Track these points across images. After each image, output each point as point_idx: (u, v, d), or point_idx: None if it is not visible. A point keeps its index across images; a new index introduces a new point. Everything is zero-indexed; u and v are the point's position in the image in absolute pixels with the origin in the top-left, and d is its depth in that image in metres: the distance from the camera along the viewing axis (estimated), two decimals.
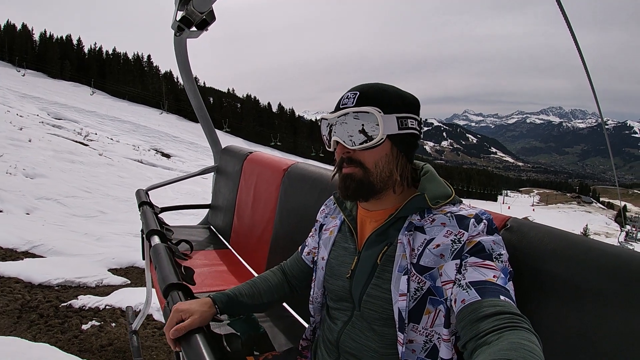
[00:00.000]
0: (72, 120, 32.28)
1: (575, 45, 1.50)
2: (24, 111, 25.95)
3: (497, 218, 1.13)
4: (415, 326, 0.97)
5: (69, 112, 37.36)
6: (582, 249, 0.93)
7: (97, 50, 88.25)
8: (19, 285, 3.78)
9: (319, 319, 1.31)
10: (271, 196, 2.35)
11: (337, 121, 1.05)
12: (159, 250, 1.57)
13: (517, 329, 0.72)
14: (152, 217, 2.06)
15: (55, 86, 59.34)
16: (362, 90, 1.05)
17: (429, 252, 0.97)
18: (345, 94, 1.08)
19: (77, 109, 40.86)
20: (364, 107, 1.01)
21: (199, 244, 2.81)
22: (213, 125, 3.17)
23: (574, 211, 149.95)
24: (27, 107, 30.52)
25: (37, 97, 39.31)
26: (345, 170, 1.06)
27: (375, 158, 1.04)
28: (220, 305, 1.15)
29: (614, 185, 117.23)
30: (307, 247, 1.39)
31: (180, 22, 2.07)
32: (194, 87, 2.83)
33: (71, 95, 52.88)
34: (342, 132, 1.04)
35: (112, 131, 32.96)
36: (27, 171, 8.90)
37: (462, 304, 0.84)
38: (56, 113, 33.78)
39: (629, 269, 0.84)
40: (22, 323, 3.13)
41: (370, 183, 1.05)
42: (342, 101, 1.07)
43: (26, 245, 4.85)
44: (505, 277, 0.87)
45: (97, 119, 38.45)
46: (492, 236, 0.95)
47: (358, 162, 1.04)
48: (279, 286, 1.35)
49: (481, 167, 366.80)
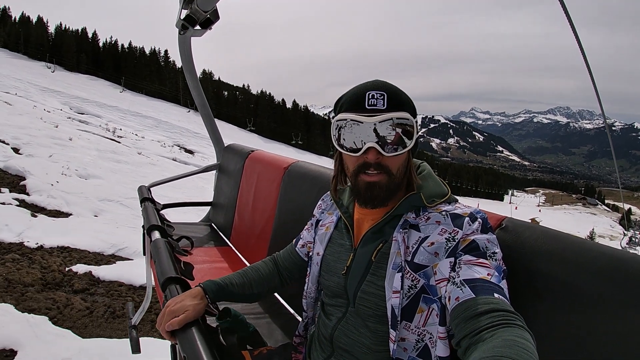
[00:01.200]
0: (95, 115, 32.49)
1: (578, 46, 1.51)
2: (47, 105, 26.18)
3: (492, 218, 1.14)
4: (407, 324, 0.98)
5: (91, 106, 37.47)
6: (577, 250, 0.94)
7: (113, 43, 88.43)
8: (124, 288, 3.90)
9: (312, 314, 1.33)
10: (271, 194, 2.36)
11: (375, 125, 0.99)
12: (158, 245, 1.58)
13: (511, 326, 0.72)
14: (153, 212, 2.08)
15: (72, 79, 59.43)
16: (386, 90, 1.02)
17: (424, 250, 0.97)
18: (366, 92, 1.02)
19: (99, 103, 40.98)
20: (402, 113, 1.00)
21: (200, 240, 2.84)
22: (216, 123, 3.24)
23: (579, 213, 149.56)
24: (50, 101, 30.76)
25: (58, 91, 39.50)
26: (371, 179, 1.03)
27: (398, 163, 1.03)
28: (210, 295, 1.14)
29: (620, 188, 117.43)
30: (302, 239, 1.40)
31: (185, 20, 2.10)
32: (197, 85, 2.87)
33: (90, 89, 52.96)
34: (377, 137, 1.00)
35: (135, 127, 33.04)
36: (79, 172, 8.84)
37: (456, 301, 0.85)
38: (78, 107, 33.93)
39: (624, 271, 0.84)
40: (147, 324, 3.32)
41: (392, 188, 1.04)
42: (369, 101, 1.01)
43: (112, 248, 4.94)
44: (499, 275, 0.88)
45: (120, 114, 38.55)
46: (486, 235, 0.96)
47: (386, 168, 1.02)
48: (270, 277, 1.36)
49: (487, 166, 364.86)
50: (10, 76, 37.08)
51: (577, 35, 1.39)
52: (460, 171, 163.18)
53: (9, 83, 31.33)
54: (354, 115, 1.01)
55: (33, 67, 57.69)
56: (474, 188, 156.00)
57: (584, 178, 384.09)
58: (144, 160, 14.59)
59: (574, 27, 1.32)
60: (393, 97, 1.01)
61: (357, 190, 1.07)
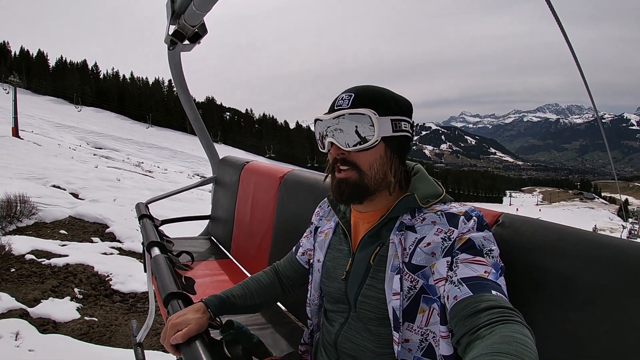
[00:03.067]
0: (112, 149, 32.65)
1: (566, 41, 1.48)
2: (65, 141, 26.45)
3: (489, 214, 1.14)
4: (410, 325, 0.97)
5: (107, 140, 37.83)
6: (574, 241, 0.93)
7: (114, 74, 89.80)
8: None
9: (317, 321, 1.32)
10: (269, 204, 2.36)
11: (332, 122, 1.04)
12: (158, 261, 1.57)
13: (509, 322, 0.72)
14: (152, 229, 2.07)
15: (81, 113, 59.81)
16: (357, 92, 1.05)
17: (420, 251, 0.97)
18: (340, 95, 1.07)
19: (114, 137, 41.33)
20: (359, 109, 1.01)
21: (200, 254, 2.81)
22: (210, 137, 3.26)
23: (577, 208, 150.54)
24: (67, 137, 31.01)
25: (71, 127, 39.70)
26: (340, 175, 1.06)
27: (369, 160, 1.04)
28: (213, 309, 1.14)
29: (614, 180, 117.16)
30: (302, 247, 1.40)
31: (173, 35, 2.10)
32: (189, 100, 2.87)
33: (100, 122, 53.47)
34: (337, 134, 1.04)
35: (154, 158, 33.07)
36: None
37: (454, 300, 0.85)
38: (95, 142, 34.16)
39: (622, 259, 0.83)
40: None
41: (364, 185, 1.05)
42: (337, 102, 1.06)
43: None
44: (496, 272, 0.88)
45: (136, 147, 38.92)
46: (482, 232, 0.95)
47: (353, 163, 1.04)
48: (271, 286, 1.35)
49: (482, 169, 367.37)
50: (22, 113, 37.18)
51: (563, 30, 1.38)
52: (459, 178, 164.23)
53: (23, 120, 31.51)
54: (321, 115, 1.09)
55: (39, 102, 58.12)
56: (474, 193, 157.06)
57: (579, 173, 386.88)
58: (191, 196, 14.62)
59: (560, 21, 1.31)
60: (360, 97, 1.04)
61: (331, 187, 1.11)
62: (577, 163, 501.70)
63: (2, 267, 5.34)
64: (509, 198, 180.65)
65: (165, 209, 9.27)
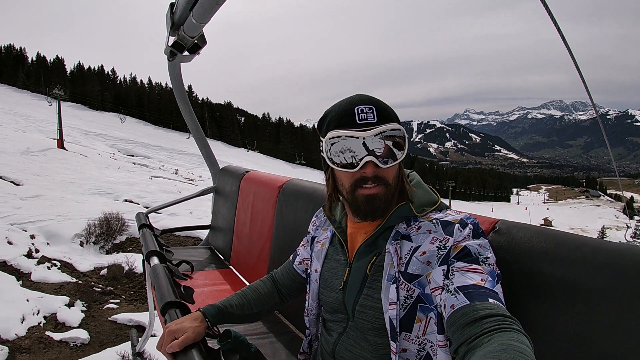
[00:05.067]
0: (144, 156, 33.21)
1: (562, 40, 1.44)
2: (98, 149, 26.88)
3: (485, 221, 1.14)
4: (407, 335, 0.97)
5: (137, 147, 38.38)
6: (572, 247, 0.93)
7: (132, 79, 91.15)
8: None
9: (315, 330, 1.32)
10: (268, 214, 2.36)
11: (373, 139, 0.99)
12: (157, 270, 1.57)
13: (506, 331, 0.71)
14: (151, 238, 2.08)
15: (105, 119, 60.60)
16: (373, 104, 1.02)
17: (416, 260, 0.97)
18: (354, 107, 1.02)
19: (143, 144, 41.96)
20: (393, 124, 1.00)
21: (200, 264, 2.81)
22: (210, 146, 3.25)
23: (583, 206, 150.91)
24: (99, 145, 31.43)
25: (100, 134, 40.15)
26: (370, 191, 1.02)
27: (394, 174, 1.04)
28: (210, 318, 1.13)
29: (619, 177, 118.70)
30: (299, 256, 1.40)
31: (173, 47, 2.11)
32: (190, 110, 2.89)
33: (125, 128, 54.29)
34: (372, 150, 0.99)
35: (185, 165, 33.32)
36: None
37: (451, 309, 0.84)
38: (126, 149, 34.74)
39: (620, 264, 0.83)
40: None
41: (390, 199, 1.04)
42: (359, 116, 1.00)
43: None
44: (493, 279, 0.87)
45: (166, 154, 39.37)
46: (478, 240, 0.95)
47: (384, 179, 1.02)
48: (269, 295, 1.35)
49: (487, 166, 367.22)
50: (49, 121, 37.66)
51: (559, 29, 1.35)
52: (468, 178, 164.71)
53: (52, 129, 31.80)
54: (348, 132, 1.00)
55: (49, 107, 59.35)
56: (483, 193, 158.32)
57: (584, 169, 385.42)
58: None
59: (556, 21, 1.28)
60: (381, 110, 1.02)
61: (356, 205, 1.06)
62: (582, 160, 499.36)
63: (138, 285, 5.84)
64: (517, 197, 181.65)
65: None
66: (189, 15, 1.79)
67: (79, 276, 5.97)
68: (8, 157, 14.11)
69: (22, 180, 10.87)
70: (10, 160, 13.43)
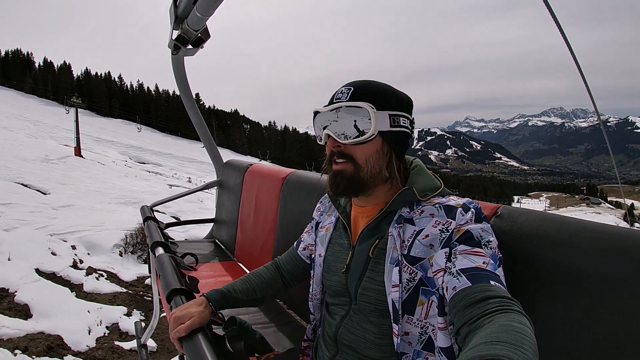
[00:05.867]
0: (155, 163, 33.07)
1: (566, 44, 1.44)
2: (110, 156, 26.88)
3: (487, 207, 1.15)
4: (409, 318, 0.98)
5: (147, 155, 38.35)
6: (574, 230, 0.93)
7: (139, 86, 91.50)
8: None
9: (319, 316, 1.33)
10: (272, 206, 2.37)
11: (330, 115, 1.05)
12: (162, 260, 1.59)
13: (508, 312, 0.72)
14: (156, 230, 2.12)
15: (113, 126, 60.46)
16: (356, 85, 1.06)
17: (419, 243, 0.98)
18: (340, 88, 1.08)
19: (153, 151, 41.77)
20: (357, 102, 1.02)
21: (205, 256, 2.82)
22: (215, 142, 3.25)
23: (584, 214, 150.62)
24: (110, 152, 31.33)
25: (110, 141, 40.08)
26: (336, 167, 1.07)
27: (366, 153, 1.05)
28: (214, 303, 1.15)
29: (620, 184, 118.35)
30: (303, 242, 1.41)
31: (176, 40, 2.11)
32: (193, 104, 2.90)
33: (136, 135, 54.37)
34: (334, 126, 1.05)
35: (197, 173, 33.37)
36: None
37: (453, 291, 0.85)
38: (137, 157, 34.64)
39: (622, 248, 0.83)
40: None
41: (360, 179, 1.05)
42: (336, 95, 1.07)
43: None
44: (494, 263, 0.88)
45: (177, 161, 39.24)
46: (480, 224, 0.96)
47: (349, 156, 1.05)
48: (273, 281, 1.36)
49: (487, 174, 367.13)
50: (59, 127, 37.74)
51: (563, 33, 1.34)
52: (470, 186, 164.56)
53: (63, 135, 31.98)
54: (319, 107, 1.09)
55: (70, 115, 58.58)
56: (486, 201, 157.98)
57: (584, 177, 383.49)
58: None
59: (560, 25, 1.28)
60: (359, 90, 1.05)
61: (328, 180, 1.12)
62: (582, 167, 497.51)
63: None
64: (518, 204, 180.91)
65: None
66: (193, 8, 1.79)
67: (127, 286, 6.09)
68: (30, 165, 14.07)
69: (48, 189, 10.85)
70: (33, 168, 13.39)
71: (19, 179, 10.89)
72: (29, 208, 8.13)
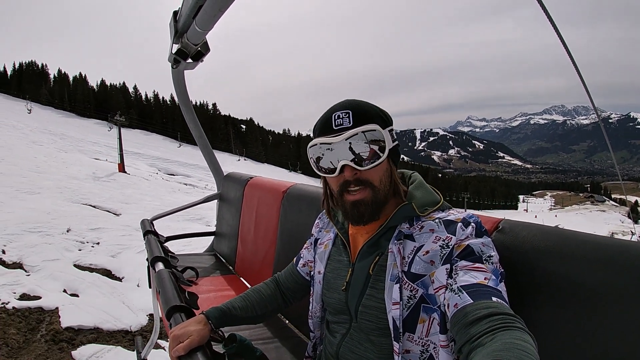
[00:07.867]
0: (183, 174, 33.23)
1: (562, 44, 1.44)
2: (142, 169, 26.81)
3: (488, 221, 1.14)
4: (410, 336, 0.96)
5: (174, 166, 38.52)
6: (575, 243, 0.92)
7: (154, 96, 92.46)
8: None
9: (319, 334, 1.31)
10: (272, 219, 2.36)
11: (344, 144, 1.00)
12: (162, 276, 1.57)
13: (510, 329, 0.71)
14: (156, 245, 2.09)
15: (136, 137, 61.03)
16: (352, 108, 1.03)
17: (419, 259, 0.96)
18: (334, 114, 1.04)
19: (179, 162, 41.98)
20: (370, 125, 0.99)
21: (205, 270, 2.81)
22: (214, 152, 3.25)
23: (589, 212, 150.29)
24: (138, 164, 31.34)
25: (137, 153, 40.02)
26: (354, 197, 1.03)
27: (379, 174, 1.03)
28: (214, 321, 1.12)
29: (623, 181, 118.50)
30: (302, 259, 1.39)
31: (176, 54, 2.12)
32: (193, 117, 2.92)
33: (159, 146, 54.87)
34: (348, 154, 1.00)
35: None
36: None
37: (455, 308, 0.83)
38: (166, 169, 34.70)
39: (623, 260, 0.82)
40: None
41: (379, 201, 1.04)
42: (336, 122, 1.03)
43: None
44: (496, 278, 0.87)
45: (204, 172, 38.60)
46: (481, 239, 0.94)
47: (366, 182, 1.02)
48: (272, 298, 1.34)
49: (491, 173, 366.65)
50: (84, 140, 37.78)
51: (559, 33, 1.34)
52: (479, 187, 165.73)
53: (91, 148, 32.16)
54: (323, 139, 1.03)
55: (90, 127, 58.95)
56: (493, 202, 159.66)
57: (588, 174, 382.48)
58: None
59: (555, 24, 1.27)
60: (358, 113, 1.02)
61: (345, 211, 1.08)
62: (585, 164, 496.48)
63: None
64: (524, 204, 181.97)
65: None
66: (192, 22, 1.79)
67: None
68: (86, 184, 13.80)
69: (117, 209, 10.55)
70: (90, 188, 13.12)
71: (84, 200, 10.68)
72: (118, 232, 7.92)
